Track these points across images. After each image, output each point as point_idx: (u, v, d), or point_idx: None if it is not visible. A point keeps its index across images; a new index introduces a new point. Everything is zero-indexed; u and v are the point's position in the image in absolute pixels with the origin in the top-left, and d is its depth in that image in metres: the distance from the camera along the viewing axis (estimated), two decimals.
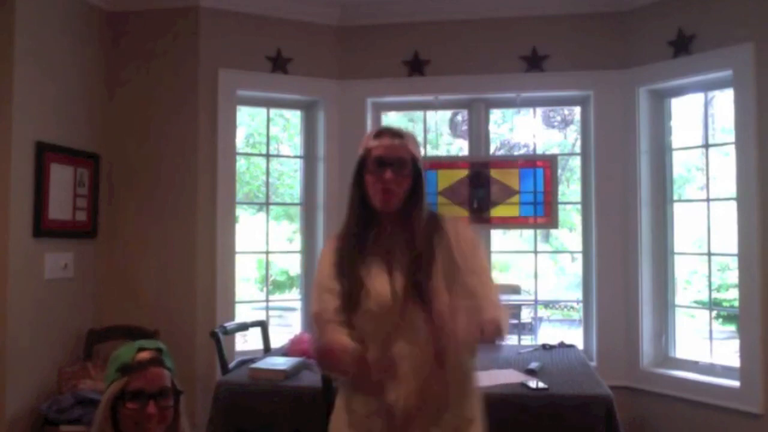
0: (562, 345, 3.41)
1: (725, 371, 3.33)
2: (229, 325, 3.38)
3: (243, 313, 4.16)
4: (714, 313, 3.78)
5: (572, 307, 9.25)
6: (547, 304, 9.50)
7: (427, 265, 1.61)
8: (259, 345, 3.65)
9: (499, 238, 6.12)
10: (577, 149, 4.17)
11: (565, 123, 7.88)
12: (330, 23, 3.95)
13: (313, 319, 1.69)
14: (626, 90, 3.68)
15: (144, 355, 1.55)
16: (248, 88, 3.81)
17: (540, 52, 3.79)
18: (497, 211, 3.82)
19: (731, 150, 3.30)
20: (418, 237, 1.63)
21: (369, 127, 3.98)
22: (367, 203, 1.67)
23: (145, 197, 3.66)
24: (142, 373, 1.52)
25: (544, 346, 3.36)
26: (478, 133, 4.00)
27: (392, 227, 1.67)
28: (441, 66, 3.86)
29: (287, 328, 5.43)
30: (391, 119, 4.27)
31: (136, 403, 1.50)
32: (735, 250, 3.23)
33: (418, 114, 3.98)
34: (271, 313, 4.15)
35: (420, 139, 4.22)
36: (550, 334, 8.08)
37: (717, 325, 3.98)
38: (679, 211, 3.70)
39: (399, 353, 1.59)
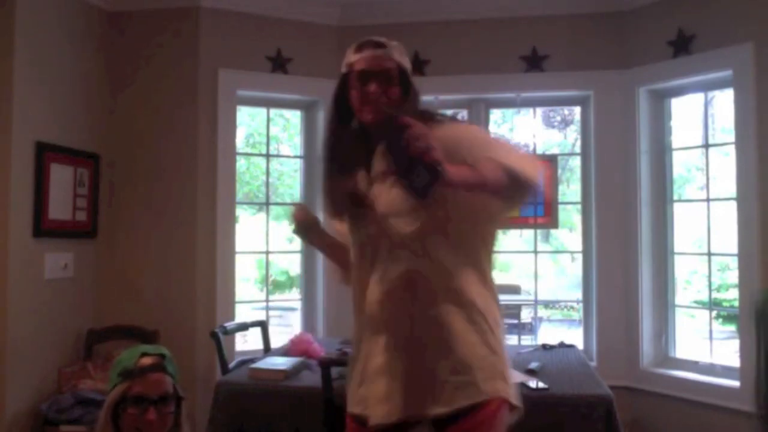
0: (562, 345, 3.40)
1: (725, 371, 3.33)
2: (229, 325, 3.38)
3: (243, 313, 4.16)
4: (714, 313, 3.78)
5: (572, 307, 9.25)
6: (547, 304, 9.51)
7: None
8: (259, 345, 3.65)
9: (499, 238, 6.12)
10: (577, 149, 4.17)
11: (565, 123, 7.88)
12: (330, 23, 3.95)
13: None
14: (626, 90, 3.68)
15: (146, 361, 1.55)
16: (248, 88, 3.81)
17: (540, 52, 3.79)
18: None
19: (731, 150, 3.30)
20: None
21: None
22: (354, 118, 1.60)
23: (145, 197, 3.66)
24: (144, 378, 1.52)
25: (544, 346, 3.35)
26: None
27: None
28: (441, 66, 3.86)
29: (287, 328, 5.44)
30: None
31: (136, 408, 1.51)
32: (735, 250, 3.23)
33: None
34: (271, 313, 4.15)
35: None
36: (550, 334, 8.08)
37: (717, 325, 3.97)
38: (679, 211, 3.70)
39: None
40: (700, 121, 3.72)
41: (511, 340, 7.23)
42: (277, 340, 3.73)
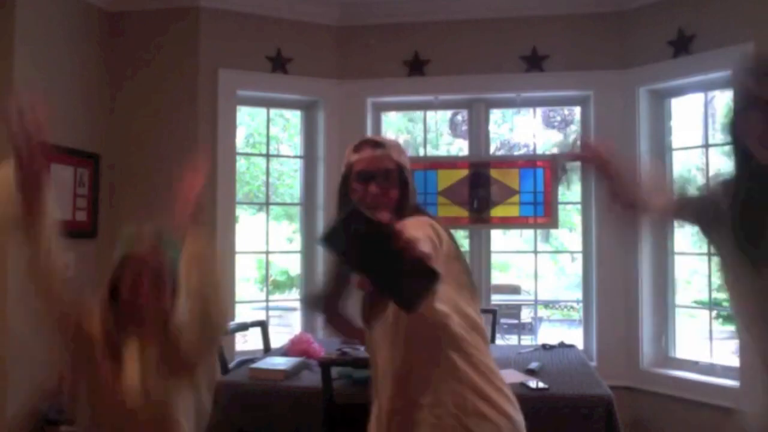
0: (562, 345, 3.40)
1: (725, 371, 3.33)
2: (229, 325, 3.38)
3: (243, 313, 4.16)
4: (714, 313, 3.77)
5: (572, 307, 9.24)
6: (547, 304, 9.50)
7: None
8: (259, 345, 3.64)
9: (499, 238, 6.13)
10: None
11: (565, 123, 7.86)
12: (330, 23, 3.95)
13: None
14: (626, 90, 3.68)
15: (142, 243, 1.63)
16: (248, 88, 3.81)
17: (540, 52, 3.79)
18: (497, 211, 3.83)
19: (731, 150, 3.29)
20: None
21: (369, 127, 3.98)
22: None
23: (145, 197, 3.66)
24: (139, 260, 1.59)
25: (544, 346, 3.35)
26: (478, 133, 4.00)
27: None
28: (441, 66, 3.86)
29: (287, 328, 5.43)
30: (391, 119, 4.27)
31: (131, 288, 1.57)
32: None
33: (418, 114, 3.99)
34: (271, 313, 4.15)
35: (420, 139, 4.22)
36: (550, 334, 8.08)
37: (717, 325, 3.97)
38: None
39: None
40: (700, 121, 3.72)
41: (511, 340, 7.24)
42: (277, 340, 3.73)
